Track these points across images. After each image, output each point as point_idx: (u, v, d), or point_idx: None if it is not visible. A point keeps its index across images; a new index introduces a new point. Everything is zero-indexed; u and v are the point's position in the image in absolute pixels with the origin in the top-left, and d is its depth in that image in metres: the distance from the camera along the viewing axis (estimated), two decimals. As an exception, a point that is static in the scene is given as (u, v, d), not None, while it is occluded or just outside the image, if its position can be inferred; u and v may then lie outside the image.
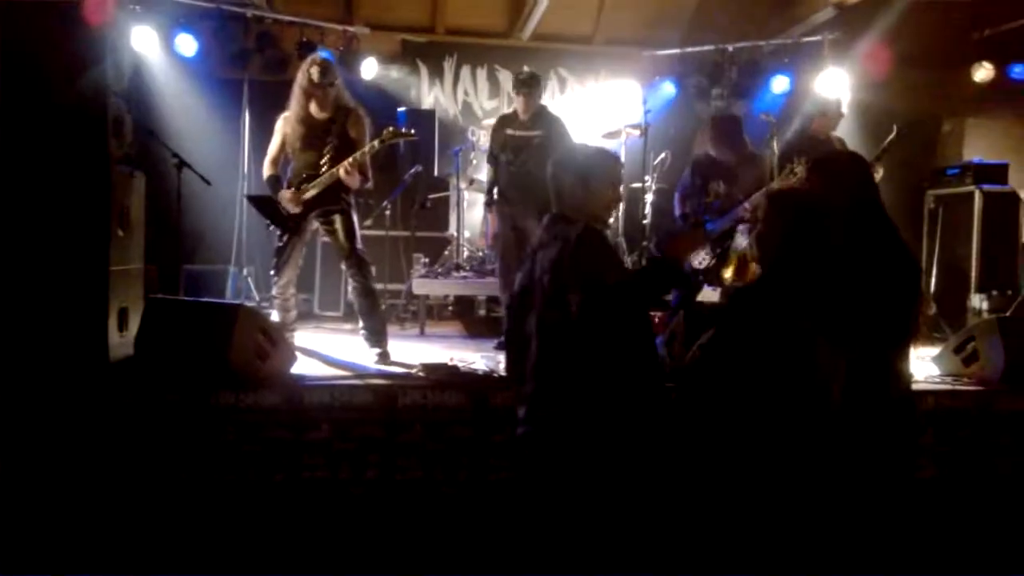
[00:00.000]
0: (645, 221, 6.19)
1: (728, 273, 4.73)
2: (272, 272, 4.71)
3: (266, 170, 4.70)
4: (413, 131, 4.81)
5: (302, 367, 4.17)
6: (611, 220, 4.11)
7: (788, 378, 2.44)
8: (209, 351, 3.70)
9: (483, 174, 6.08)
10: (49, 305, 3.79)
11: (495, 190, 5.27)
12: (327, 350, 4.79)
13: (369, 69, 7.09)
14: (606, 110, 7.51)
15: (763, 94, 7.33)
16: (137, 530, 3.27)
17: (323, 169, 4.50)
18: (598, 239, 2.57)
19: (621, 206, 6.25)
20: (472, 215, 7.04)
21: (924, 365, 4.45)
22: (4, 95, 3.81)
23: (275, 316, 4.73)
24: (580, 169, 2.65)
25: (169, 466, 3.49)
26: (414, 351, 4.87)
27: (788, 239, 2.56)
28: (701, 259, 4.93)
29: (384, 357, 4.52)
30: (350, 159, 4.42)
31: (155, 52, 6.38)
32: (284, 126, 4.62)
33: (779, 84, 7.25)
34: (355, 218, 4.64)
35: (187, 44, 6.47)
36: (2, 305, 3.75)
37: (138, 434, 3.50)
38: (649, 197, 6.18)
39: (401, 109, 7.10)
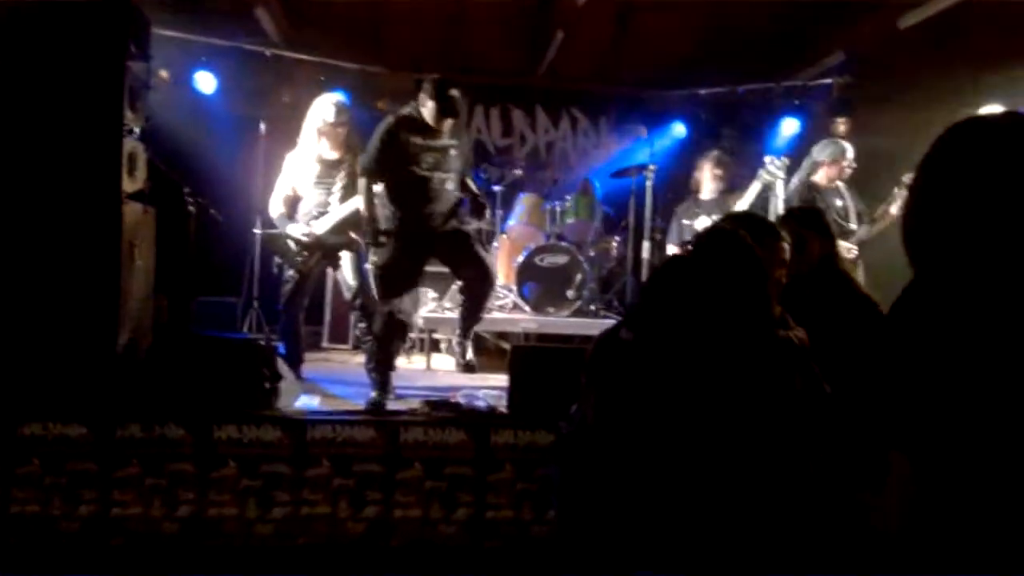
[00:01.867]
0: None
1: None
2: (281, 306, 4.78)
3: (276, 207, 4.79)
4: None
5: (306, 401, 4.21)
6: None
7: None
8: (214, 383, 3.76)
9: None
10: (60, 334, 3.86)
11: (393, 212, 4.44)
12: (333, 384, 4.84)
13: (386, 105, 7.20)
14: (616, 149, 7.60)
15: (774, 136, 7.36)
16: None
17: (331, 207, 4.58)
18: None
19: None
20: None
21: None
22: (21, 131, 3.91)
23: (282, 349, 4.79)
24: None
25: (169, 497, 3.53)
26: (419, 385, 4.90)
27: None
28: None
29: (388, 392, 4.54)
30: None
31: (174, 89, 6.51)
32: (295, 164, 4.72)
33: (789, 127, 7.28)
34: (363, 256, 4.71)
35: (207, 81, 6.60)
36: (15, 336, 3.82)
37: (138, 465, 3.54)
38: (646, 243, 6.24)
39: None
